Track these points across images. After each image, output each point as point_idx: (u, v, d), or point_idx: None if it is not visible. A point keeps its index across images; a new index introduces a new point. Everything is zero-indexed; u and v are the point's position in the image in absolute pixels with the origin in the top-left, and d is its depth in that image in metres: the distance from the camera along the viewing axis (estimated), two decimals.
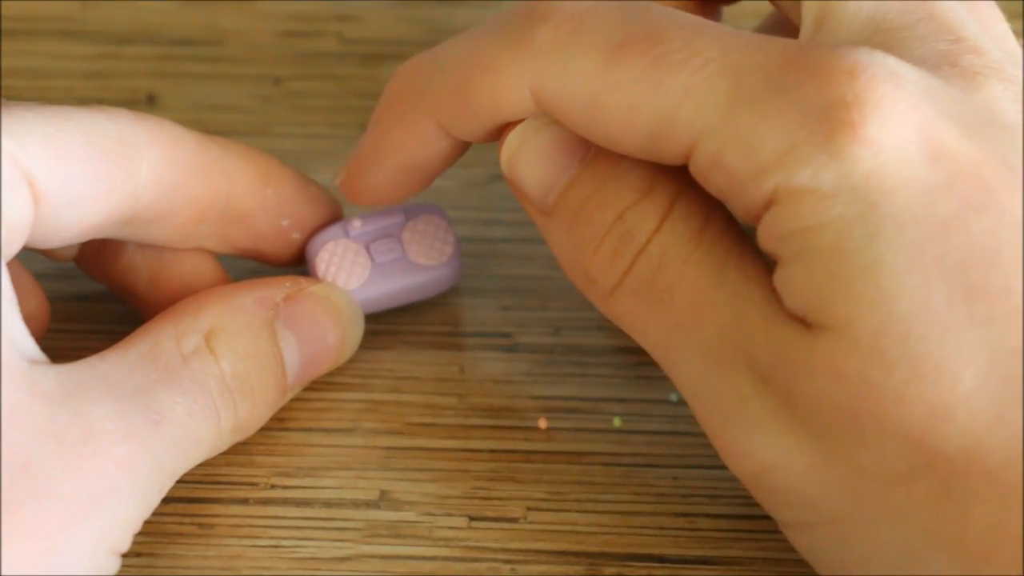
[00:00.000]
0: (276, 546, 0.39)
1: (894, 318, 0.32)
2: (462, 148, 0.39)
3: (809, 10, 0.37)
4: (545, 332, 0.44)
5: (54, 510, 0.34)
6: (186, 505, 0.40)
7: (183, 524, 0.39)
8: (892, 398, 0.32)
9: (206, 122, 0.49)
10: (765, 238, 0.34)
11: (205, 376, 0.38)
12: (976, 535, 0.32)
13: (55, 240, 0.38)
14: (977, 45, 0.35)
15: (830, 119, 0.33)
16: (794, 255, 0.33)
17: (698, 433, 0.40)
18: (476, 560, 0.39)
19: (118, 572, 0.36)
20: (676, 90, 0.34)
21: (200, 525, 0.39)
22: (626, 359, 0.43)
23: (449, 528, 0.39)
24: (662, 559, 0.39)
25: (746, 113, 0.33)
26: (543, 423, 0.42)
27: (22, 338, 0.36)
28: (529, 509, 0.40)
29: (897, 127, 0.33)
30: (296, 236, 0.42)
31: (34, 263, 0.41)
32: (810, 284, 0.33)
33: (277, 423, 0.41)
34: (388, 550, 0.39)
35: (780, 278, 0.34)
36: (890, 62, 0.33)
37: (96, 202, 0.38)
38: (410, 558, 0.39)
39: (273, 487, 0.40)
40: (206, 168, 0.40)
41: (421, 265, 0.43)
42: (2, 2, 0.52)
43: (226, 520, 0.40)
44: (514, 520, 0.40)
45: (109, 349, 0.38)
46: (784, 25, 0.41)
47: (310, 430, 0.42)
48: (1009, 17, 0.37)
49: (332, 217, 0.43)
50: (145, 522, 0.37)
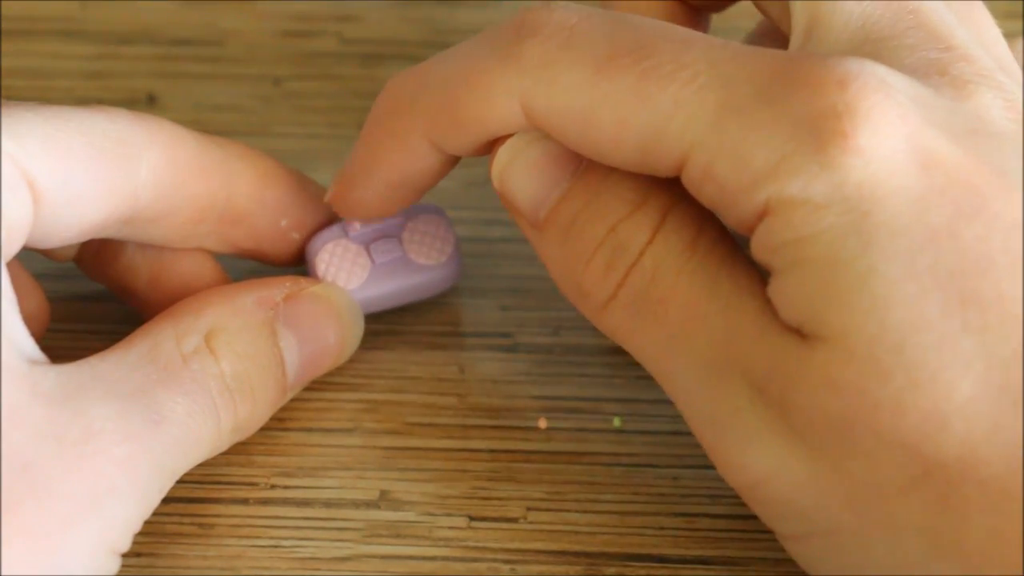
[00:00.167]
0: (276, 546, 0.39)
1: (889, 327, 0.32)
2: (452, 163, 0.39)
3: (799, 19, 0.37)
4: (545, 332, 0.44)
5: (54, 510, 0.34)
6: (186, 505, 0.40)
7: (183, 524, 0.39)
8: (888, 408, 0.32)
9: (206, 122, 0.49)
10: (758, 249, 0.34)
11: (205, 376, 0.38)
12: (974, 544, 0.32)
13: (55, 240, 0.38)
14: (967, 53, 0.35)
15: (821, 130, 0.33)
16: (788, 266, 0.33)
17: None
18: (476, 560, 0.39)
19: (118, 572, 0.36)
20: (666, 103, 0.34)
21: (200, 525, 0.39)
22: (626, 359, 0.42)
23: (449, 528, 0.39)
24: (662, 559, 0.39)
25: (736, 124, 0.33)
26: (543, 423, 0.42)
27: (22, 338, 0.36)
28: (529, 509, 0.40)
29: (887, 136, 0.33)
30: (296, 236, 0.42)
31: (34, 263, 0.41)
32: (804, 295, 0.33)
33: (277, 423, 0.41)
34: (388, 550, 0.39)
35: (774, 289, 0.34)
36: (880, 71, 0.33)
37: (96, 202, 0.38)
38: (410, 558, 0.39)
39: (273, 487, 0.40)
40: (206, 168, 0.40)
41: (421, 265, 0.43)
42: (2, 2, 0.52)
43: (226, 520, 0.40)
44: (514, 520, 0.40)
45: (109, 349, 0.38)
46: (774, 34, 0.41)
47: (310, 430, 0.42)
48: (1009, 17, 0.37)
49: (332, 217, 0.43)
50: (145, 522, 0.37)
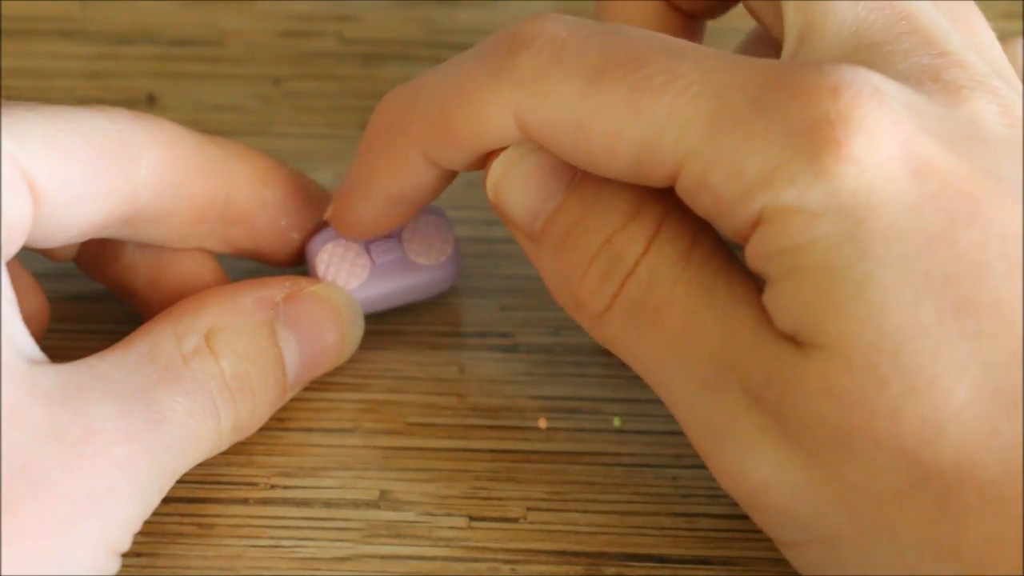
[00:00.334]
0: (276, 546, 0.39)
1: (885, 334, 0.32)
2: (449, 177, 0.39)
3: (792, 26, 0.37)
4: (545, 332, 0.44)
5: (54, 510, 0.34)
6: (186, 505, 0.40)
7: (183, 524, 0.39)
8: (885, 414, 0.32)
9: (206, 122, 0.49)
10: (753, 258, 0.34)
11: (205, 376, 0.38)
12: (971, 550, 0.32)
13: (55, 240, 0.38)
14: (961, 58, 0.35)
15: (815, 138, 0.33)
16: (783, 274, 0.33)
17: None
18: (476, 560, 0.39)
19: (118, 572, 0.36)
20: (659, 113, 0.34)
21: (200, 525, 0.39)
22: None
23: (449, 528, 0.39)
24: (662, 559, 0.39)
25: (730, 134, 0.33)
26: (543, 423, 0.42)
27: (22, 338, 0.36)
28: (529, 509, 0.40)
29: (881, 144, 0.33)
30: (295, 236, 0.42)
31: (34, 263, 0.41)
32: (800, 302, 0.33)
33: (277, 423, 0.41)
34: (388, 550, 0.39)
35: (769, 297, 0.34)
36: (874, 79, 0.33)
37: (96, 202, 0.38)
38: (410, 558, 0.39)
39: (273, 487, 0.40)
40: (205, 168, 0.40)
41: (421, 265, 0.43)
42: (2, 2, 0.52)
43: (226, 520, 0.40)
44: (514, 520, 0.40)
45: (109, 349, 0.38)
46: (767, 41, 0.41)
47: (310, 430, 0.42)
48: (1008, 17, 0.37)
49: None
50: (145, 522, 0.37)
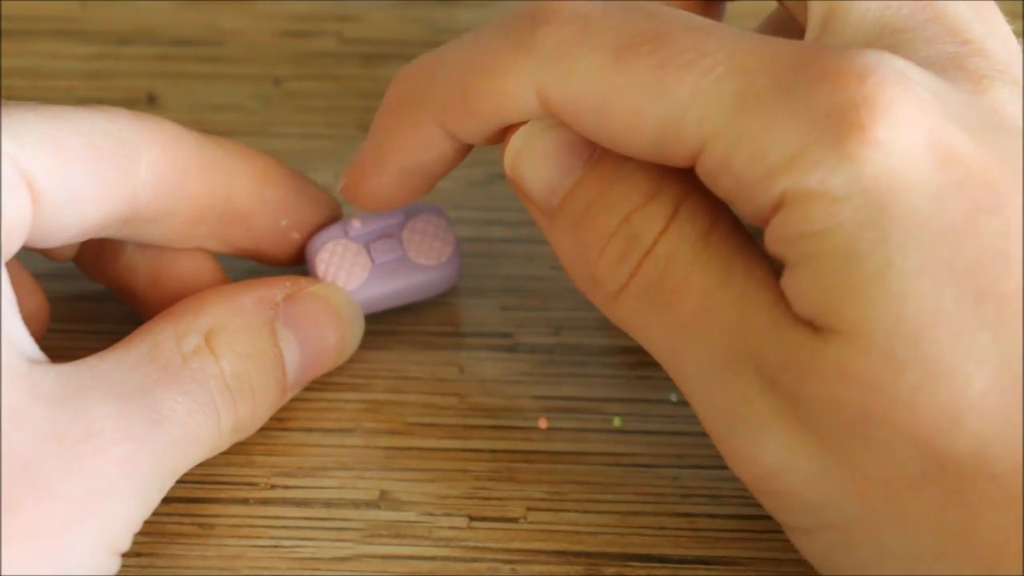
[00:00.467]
0: (276, 546, 0.39)
1: (905, 321, 0.32)
2: (465, 151, 0.39)
3: (816, 10, 0.37)
4: (545, 332, 0.44)
5: (54, 510, 0.34)
6: (186, 505, 0.40)
7: (183, 524, 0.39)
8: (902, 401, 0.32)
9: (206, 122, 0.49)
10: (773, 241, 0.34)
11: (205, 376, 0.38)
12: (985, 539, 0.32)
13: (55, 240, 0.38)
14: (984, 47, 0.35)
15: (840, 122, 0.32)
16: (803, 259, 0.33)
17: (698, 433, 0.40)
18: (476, 560, 0.39)
19: (118, 572, 0.36)
20: (683, 93, 0.34)
21: (200, 525, 0.39)
22: (626, 359, 0.43)
23: (449, 528, 0.39)
24: (662, 559, 0.39)
25: (754, 116, 0.33)
26: (543, 423, 0.41)
27: (22, 338, 0.36)
28: (529, 509, 0.40)
29: (907, 130, 0.32)
30: (295, 236, 0.42)
31: (34, 263, 0.41)
32: (819, 288, 0.33)
33: (277, 423, 0.41)
34: (388, 550, 0.39)
35: (788, 281, 0.34)
36: (899, 64, 0.33)
37: (95, 202, 0.38)
38: (410, 558, 0.39)
39: (273, 487, 0.40)
40: (205, 168, 0.40)
41: (421, 265, 0.43)
42: (2, 2, 0.52)
43: (226, 520, 0.40)
44: (514, 520, 0.40)
45: (109, 349, 0.38)
46: (788, 24, 0.41)
47: (310, 430, 0.42)
48: (1009, 18, 0.37)
49: (331, 217, 0.43)
50: (145, 522, 0.37)
